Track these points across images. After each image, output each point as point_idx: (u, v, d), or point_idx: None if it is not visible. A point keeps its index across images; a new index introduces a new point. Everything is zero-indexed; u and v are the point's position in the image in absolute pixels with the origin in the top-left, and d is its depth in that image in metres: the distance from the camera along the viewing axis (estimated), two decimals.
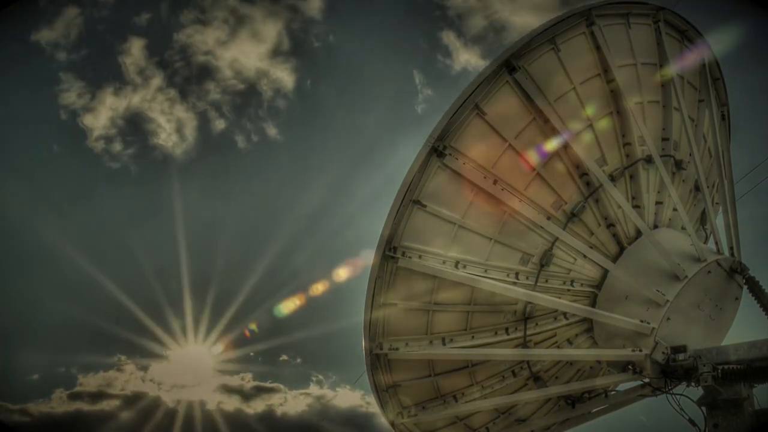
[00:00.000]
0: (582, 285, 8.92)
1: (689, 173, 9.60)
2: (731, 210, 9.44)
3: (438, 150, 7.94)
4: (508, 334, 8.94)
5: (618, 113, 8.85)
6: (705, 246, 9.37)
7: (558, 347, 9.24)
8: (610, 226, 8.94)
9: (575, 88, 8.45)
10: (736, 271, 8.65)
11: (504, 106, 8.08)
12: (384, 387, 8.96)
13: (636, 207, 8.97)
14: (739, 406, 7.37)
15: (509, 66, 7.95)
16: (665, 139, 9.35)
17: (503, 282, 8.53)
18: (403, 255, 8.20)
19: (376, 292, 8.29)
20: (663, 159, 9.09)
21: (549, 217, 8.56)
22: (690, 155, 9.37)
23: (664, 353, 7.74)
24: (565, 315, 9.00)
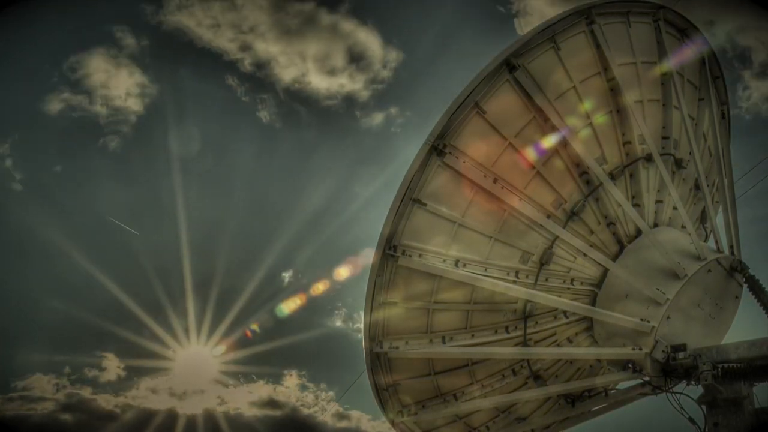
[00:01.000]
0: (582, 283, 8.92)
1: (689, 172, 9.60)
2: (731, 209, 9.44)
3: (438, 148, 7.94)
4: (508, 332, 8.94)
5: (618, 111, 8.84)
6: (705, 245, 9.36)
7: (558, 346, 9.25)
8: (610, 224, 8.95)
9: (575, 86, 8.46)
10: (736, 270, 8.66)
11: (504, 104, 8.08)
12: (384, 386, 8.98)
13: (636, 206, 8.97)
14: (740, 404, 7.35)
15: (509, 64, 7.95)
16: (665, 138, 9.35)
17: (503, 280, 8.53)
18: (404, 254, 8.21)
19: (376, 291, 8.30)
20: (663, 157, 9.09)
21: (549, 216, 8.56)
22: (690, 154, 9.37)
23: (664, 352, 7.73)
24: (565, 313, 9.01)
